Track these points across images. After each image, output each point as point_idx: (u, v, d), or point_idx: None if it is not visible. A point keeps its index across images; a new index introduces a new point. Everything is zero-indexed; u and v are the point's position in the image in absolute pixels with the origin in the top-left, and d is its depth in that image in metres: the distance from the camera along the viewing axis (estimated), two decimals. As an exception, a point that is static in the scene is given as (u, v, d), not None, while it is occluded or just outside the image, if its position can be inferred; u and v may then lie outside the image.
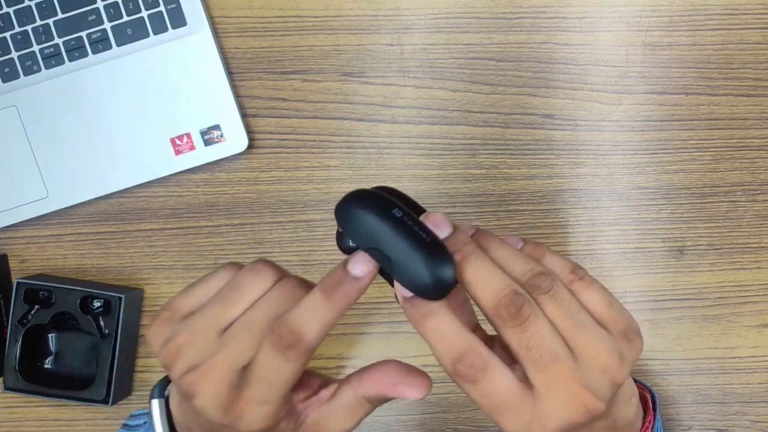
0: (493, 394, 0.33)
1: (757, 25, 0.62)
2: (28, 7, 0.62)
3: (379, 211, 0.33)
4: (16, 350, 0.61)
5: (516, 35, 0.63)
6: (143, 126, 0.62)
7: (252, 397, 0.33)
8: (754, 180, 0.63)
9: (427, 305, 0.33)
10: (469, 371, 0.32)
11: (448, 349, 0.33)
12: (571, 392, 0.33)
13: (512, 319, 0.32)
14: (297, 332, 0.32)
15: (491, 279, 0.33)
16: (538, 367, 0.33)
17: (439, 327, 0.33)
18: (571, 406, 0.33)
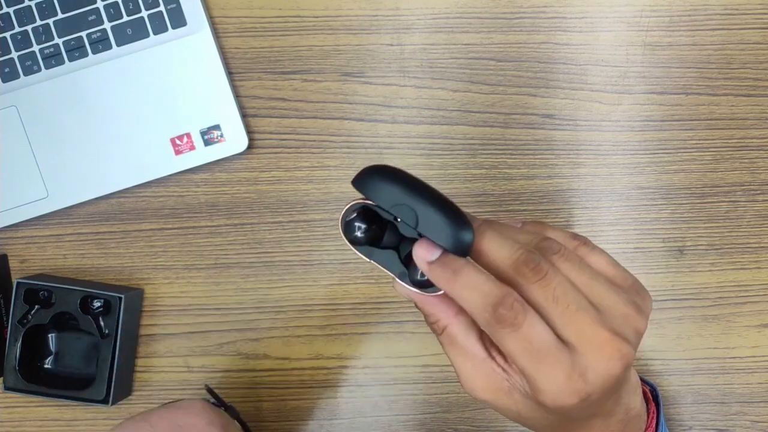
0: (534, 339, 0.32)
1: (757, 25, 0.62)
2: (28, 7, 0.62)
3: (399, 175, 0.34)
4: (16, 350, 0.61)
5: (516, 35, 0.63)
6: (143, 126, 0.62)
7: None
8: (754, 180, 0.63)
9: (458, 261, 0.33)
10: (510, 314, 0.32)
11: (487, 295, 0.32)
12: (603, 339, 0.33)
13: (534, 274, 0.33)
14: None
15: (504, 243, 0.33)
16: (566, 318, 0.33)
17: (473, 278, 0.33)
18: (606, 352, 0.33)
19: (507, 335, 0.33)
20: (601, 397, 0.34)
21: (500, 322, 0.32)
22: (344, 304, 0.63)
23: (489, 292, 0.32)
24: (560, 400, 0.33)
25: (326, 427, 0.64)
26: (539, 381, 0.33)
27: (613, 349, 0.33)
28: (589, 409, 0.35)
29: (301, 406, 0.64)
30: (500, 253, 0.33)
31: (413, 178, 0.34)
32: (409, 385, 0.63)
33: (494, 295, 0.32)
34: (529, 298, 0.33)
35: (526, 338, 0.32)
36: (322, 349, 0.64)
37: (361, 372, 0.64)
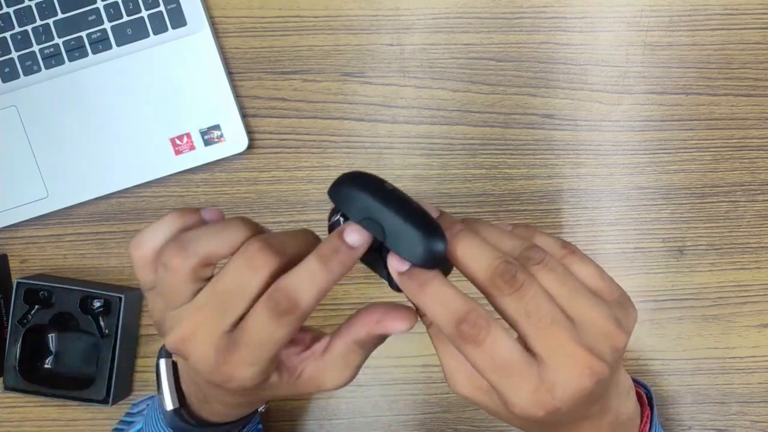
0: (497, 354, 0.32)
1: (757, 25, 0.62)
2: (28, 7, 0.62)
3: (371, 185, 0.34)
4: (16, 350, 0.61)
5: (516, 35, 0.63)
6: (143, 126, 0.62)
7: (242, 359, 0.33)
8: (754, 180, 0.63)
9: (425, 273, 0.33)
10: (472, 330, 0.32)
11: (451, 311, 0.32)
12: (575, 355, 0.33)
13: (508, 286, 0.33)
14: (293, 298, 0.32)
15: (483, 252, 0.33)
16: (539, 332, 0.33)
17: (439, 292, 0.33)
18: (576, 369, 0.33)
19: (471, 351, 0.33)
20: (572, 410, 0.34)
21: (463, 339, 0.32)
22: (344, 304, 0.63)
23: (453, 308, 0.32)
24: (528, 412, 0.33)
25: (326, 427, 0.64)
26: (506, 394, 0.33)
27: (584, 366, 0.33)
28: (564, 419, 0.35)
29: (301, 406, 0.64)
30: (478, 263, 0.33)
31: (385, 188, 0.34)
32: (409, 385, 0.63)
33: (459, 311, 0.32)
34: (503, 310, 0.33)
35: (489, 354, 0.32)
36: (322, 349, 0.64)
37: (361, 372, 0.63)
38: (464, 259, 0.34)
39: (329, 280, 0.33)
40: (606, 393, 0.36)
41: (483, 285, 0.33)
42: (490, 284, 0.33)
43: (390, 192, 0.34)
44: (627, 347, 0.63)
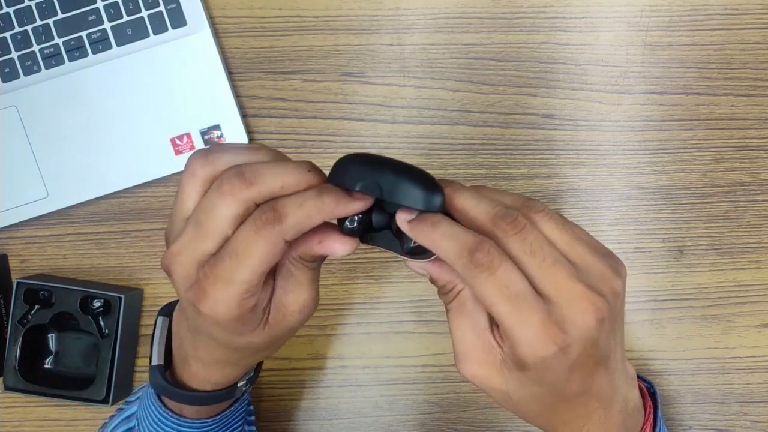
0: (511, 283, 0.33)
1: (757, 25, 0.62)
2: (28, 7, 0.62)
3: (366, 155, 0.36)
4: (16, 350, 0.61)
5: (516, 35, 0.63)
6: (143, 126, 0.62)
7: (219, 274, 0.34)
8: (754, 180, 0.63)
9: (435, 215, 0.34)
10: (487, 258, 0.33)
11: (464, 242, 0.33)
12: (579, 292, 0.33)
13: (511, 228, 0.33)
14: (278, 211, 0.33)
15: (482, 200, 0.35)
16: (543, 271, 0.33)
17: (450, 228, 0.34)
18: (581, 305, 0.33)
19: (484, 279, 0.33)
20: (584, 356, 0.34)
21: (478, 266, 0.33)
22: (345, 304, 0.63)
23: (466, 240, 0.33)
24: (538, 349, 0.33)
25: (326, 427, 0.64)
26: (516, 329, 0.33)
27: (588, 303, 0.33)
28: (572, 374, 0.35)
29: (301, 406, 0.64)
30: (479, 209, 0.34)
31: (378, 156, 0.36)
32: (409, 385, 0.63)
33: (472, 242, 0.33)
34: (507, 251, 0.34)
35: (503, 282, 0.33)
36: (322, 349, 0.64)
37: (361, 372, 0.64)
38: (465, 208, 0.35)
39: (319, 209, 0.34)
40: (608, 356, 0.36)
41: (487, 228, 0.34)
42: (494, 226, 0.34)
43: (383, 158, 0.36)
44: (627, 347, 0.63)
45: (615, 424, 0.38)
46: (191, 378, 0.43)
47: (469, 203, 0.35)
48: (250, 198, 0.34)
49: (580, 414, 0.37)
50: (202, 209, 0.35)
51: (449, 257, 0.34)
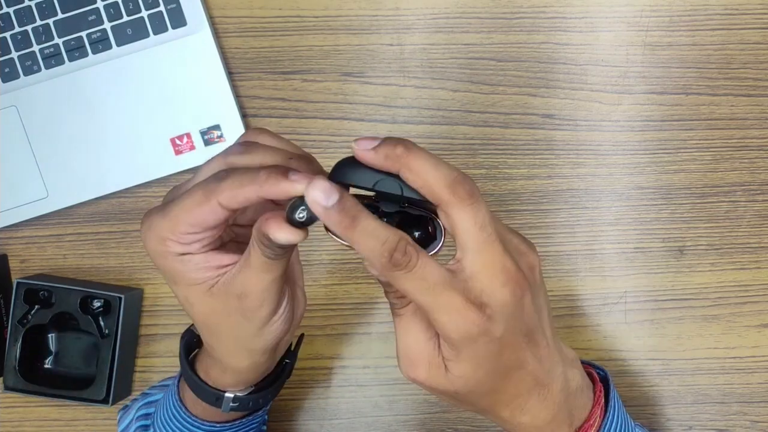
0: (428, 276, 0.34)
1: (757, 25, 0.62)
2: (28, 7, 0.62)
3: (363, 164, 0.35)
4: (16, 350, 0.61)
5: (516, 35, 0.63)
6: (143, 126, 0.62)
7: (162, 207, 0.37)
8: (754, 180, 0.63)
9: (357, 208, 0.33)
10: (404, 258, 0.33)
11: (382, 242, 0.33)
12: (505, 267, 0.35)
13: (469, 197, 0.34)
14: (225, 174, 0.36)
15: (440, 162, 0.34)
16: (485, 245, 0.34)
17: (370, 225, 0.33)
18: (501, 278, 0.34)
19: (404, 277, 0.34)
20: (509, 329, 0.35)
21: (396, 265, 0.33)
22: (344, 304, 0.63)
23: (385, 239, 0.33)
24: (464, 326, 0.34)
25: (326, 427, 0.64)
26: (440, 313, 0.34)
27: (506, 276, 0.34)
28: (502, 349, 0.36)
29: (301, 406, 0.64)
30: (438, 172, 0.34)
31: None
32: (409, 385, 0.63)
33: (390, 241, 0.33)
34: (458, 219, 0.34)
35: (420, 277, 0.34)
36: (322, 349, 0.64)
37: (361, 372, 0.64)
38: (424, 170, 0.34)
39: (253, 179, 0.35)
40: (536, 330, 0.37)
41: (443, 195, 0.34)
42: (453, 193, 0.34)
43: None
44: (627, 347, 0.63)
45: (556, 403, 0.39)
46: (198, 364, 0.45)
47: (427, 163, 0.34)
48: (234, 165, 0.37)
49: (520, 392, 0.38)
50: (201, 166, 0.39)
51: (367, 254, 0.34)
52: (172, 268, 0.38)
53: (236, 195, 0.35)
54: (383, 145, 0.34)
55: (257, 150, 0.38)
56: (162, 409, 0.49)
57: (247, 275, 0.38)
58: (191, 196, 0.36)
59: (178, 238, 0.37)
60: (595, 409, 0.41)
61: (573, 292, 0.63)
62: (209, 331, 0.41)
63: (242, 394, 0.45)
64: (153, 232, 0.37)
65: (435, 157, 0.34)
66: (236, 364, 0.43)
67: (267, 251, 0.36)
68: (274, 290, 0.39)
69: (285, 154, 0.38)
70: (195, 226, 0.36)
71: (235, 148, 0.38)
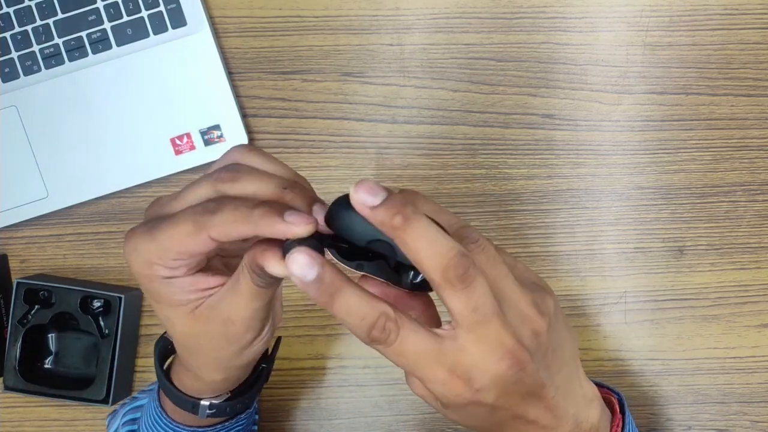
0: (409, 350, 0.33)
1: (757, 25, 0.62)
2: (28, 7, 0.62)
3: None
4: (16, 350, 0.61)
5: (516, 35, 0.63)
6: (143, 126, 0.62)
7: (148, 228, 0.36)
8: (754, 180, 0.63)
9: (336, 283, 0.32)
10: (383, 335, 0.32)
11: (361, 318, 0.32)
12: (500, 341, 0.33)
13: (461, 282, 0.32)
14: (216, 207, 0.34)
15: (436, 241, 0.32)
16: (478, 325, 0.32)
17: (348, 301, 0.32)
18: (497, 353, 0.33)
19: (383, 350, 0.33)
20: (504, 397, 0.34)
21: (375, 342, 0.33)
22: (344, 304, 0.63)
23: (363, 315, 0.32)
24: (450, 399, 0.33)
25: (326, 427, 0.64)
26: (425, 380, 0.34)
27: (505, 352, 0.33)
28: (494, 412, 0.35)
29: (301, 406, 0.64)
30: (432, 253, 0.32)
31: None
32: (409, 385, 0.63)
33: (369, 318, 0.32)
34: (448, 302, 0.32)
35: (399, 352, 0.33)
36: (322, 349, 0.64)
37: (361, 372, 0.64)
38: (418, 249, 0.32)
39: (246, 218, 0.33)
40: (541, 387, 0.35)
41: (435, 278, 0.32)
42: (443, 278, 0.32)
43: None
44: (627, 347, 0.63)
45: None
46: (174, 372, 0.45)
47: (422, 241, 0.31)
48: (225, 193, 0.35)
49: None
50: (191, 184, 0.36)
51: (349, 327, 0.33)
52: (156, 290, 0.37)
53: (229, 231, 0.34)
54: (383, 206, 0.31)
55: (248, 177, 0.36)
56: (146, 415, 0.49)
57: (234, 302, 0.37)
58: (180, 225, 0.34)
59: (165, 263, 0.36)
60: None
61: (573, 292, 0.63)
62: (188, 350, 0.41)
63: (218, 401, 0.45)
64: (140, 256, 0.36)
65: (434, 231, 0.32)
66: (211, 378, 0.43)
67: (258, 280, 0.36)
68: (260, 317, 0.38)
69: (278, 182, 0.36)
70: (183, 255, 0.35)
71: (225, 173, 0.36)
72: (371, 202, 0.31)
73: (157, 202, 0.38)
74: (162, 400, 0.47)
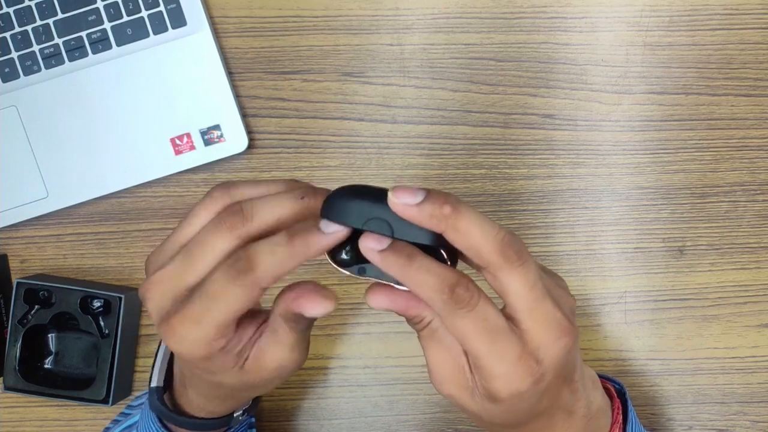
0: (489, 317, 0.32)
1: (757, 25, 0.62)
2: (28, 7, 0.62)
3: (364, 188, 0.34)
4: (16, 350, 0.61)
5: (516, 35, 0.63)
6: (143, 126, 0.62)
7: (189, 314, 0.34)
8: (754, 180, 0.63)
9: (411, 247, 0.32)
10: (467, 294, 0.32)
11: (443, 278, 0.32)
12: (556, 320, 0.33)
13: (519, 258, 0.32)
14: (251, 260, 0.33)
15: (487, 223, 0.32)
16: (536, 304, 0.33)
17: (427, 263, 0.32)
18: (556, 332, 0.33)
19: (463, 316, 0.32)
20: (554, 379, 0.34)
21: (458, 302, 0.32)
22: (344, 304, 0.63)
23: (445, 276, 0.32)
24: (514, 384, 0.33)
25: (326, 427, 0.64)
26: (492, 364, 0.33)
27: (560, 330, 0.33)
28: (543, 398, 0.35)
29: (301, 406, 0.64)
30: (487, 234, 0.32)
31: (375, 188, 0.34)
32: (409, 385, 0.63)
33: (451, 278, 0.32)
34: (508, 282, 0.33)
35: (481, 317, 0.32)
36: (322, 349, 0.64)
37: (361, 372, 0.64)
38: (472, 231, 0.32)
39: (291, 255, 0.33)
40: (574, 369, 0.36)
41: (491, 257, 0.32)
42: (501, 255, 0.32)
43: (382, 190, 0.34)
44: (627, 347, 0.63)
45: (578, 429, 0.38)
46: (187, 403, 0.43)
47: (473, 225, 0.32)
48: (248, 234, 0.34)
49: (545, 425, 0.37)
50: (197, 241, 0.35)
51: (426, 292, 0.32)
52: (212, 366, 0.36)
53: (279, 274, 0.33)
54: (428, 201, 0.32)
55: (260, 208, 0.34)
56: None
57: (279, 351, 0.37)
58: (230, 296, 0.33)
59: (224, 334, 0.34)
60: (614, 429, 0.40)
61: (573, 292, 0.62)
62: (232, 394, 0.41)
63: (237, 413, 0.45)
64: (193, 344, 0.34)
65: (480, 216, 0.32)
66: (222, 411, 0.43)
67: (297, 327, 0.36)
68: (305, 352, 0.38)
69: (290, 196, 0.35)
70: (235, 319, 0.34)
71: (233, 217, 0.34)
72: (414, 200, 0.32)
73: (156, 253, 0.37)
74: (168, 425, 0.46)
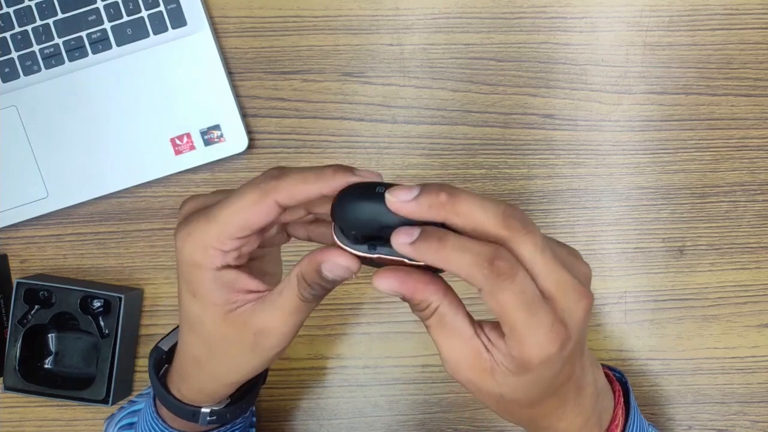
0: (527, 289, 0.32)
1: (757, 25, 0.62)
2: (28, 7, 0.62)
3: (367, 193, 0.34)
4: (16, 350, 0.61)
5: (516, 35, 0.63)
6: (143, 126, 0.62)
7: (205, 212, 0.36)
8: (754, 180, 0.63)
9: (436, 229, 0.32)
10: (506, 265, 0.31)
11: (480, 253, 0.32)
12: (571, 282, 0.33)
13: (524, 227, 0.32)
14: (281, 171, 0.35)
15: (486, 200, 0.33)
16: (549, 267, 0.33)
17: (461, 240, 0.32)
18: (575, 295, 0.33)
19: (505, 288, 0.32)
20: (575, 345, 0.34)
21: (500, 275, 0.32)
22: (344, 304, 0.63)
23: (481, 250, 0.32)
24: (545, 350, 0.33)
25: (326, 427, 0.64)
26: (528, 334, 0.33)
27: (579, 293, 0.33)
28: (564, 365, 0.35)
29: (301, 406, 0.64)
30: (487, 210, 0.32)
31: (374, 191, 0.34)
32: (409, 385, 0.63)
33: (489, 251, 0.32)
34: (520, 251, 0.33)
35: (521, 289, 0.32)
36: (322, 349, 0.64)
37: (361, 372, 0.64)
38: (472, 210, 0.32)
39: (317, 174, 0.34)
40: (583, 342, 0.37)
41: (497, 231, 0.32)
42: (506, 225, 0.32)
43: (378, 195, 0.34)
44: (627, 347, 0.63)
45: (589, 406, 0.38)
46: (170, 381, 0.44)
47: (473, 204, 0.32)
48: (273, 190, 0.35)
49: (561, 402, 0.37)
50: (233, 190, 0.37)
51: (465, 269, 0.32)
52: (200, 281, 0.37)
53: (298, 192, 0.34)
54: (424, 194, 0.32)
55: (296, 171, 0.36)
56: (142, 421, 0.48)
57: (272, 315, 0.37)
58: (245, 195, 0.35)
59: (223, 244, 0.35)
60: (617, 410, 0.40)
61: (573, 292, 0.63)
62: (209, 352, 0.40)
63: (219, 407, 0.44)
64: (196, 240, 0.36)
65: (478, 196, 0.32)
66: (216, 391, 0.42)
67: (307, 292, 0.36)
68: (294, 332, 0.38)
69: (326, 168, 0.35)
70: (245, 229, 0.35)
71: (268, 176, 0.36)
72: (410, 196, 0.32)
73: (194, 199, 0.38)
74: (159, 409, 0.47)
